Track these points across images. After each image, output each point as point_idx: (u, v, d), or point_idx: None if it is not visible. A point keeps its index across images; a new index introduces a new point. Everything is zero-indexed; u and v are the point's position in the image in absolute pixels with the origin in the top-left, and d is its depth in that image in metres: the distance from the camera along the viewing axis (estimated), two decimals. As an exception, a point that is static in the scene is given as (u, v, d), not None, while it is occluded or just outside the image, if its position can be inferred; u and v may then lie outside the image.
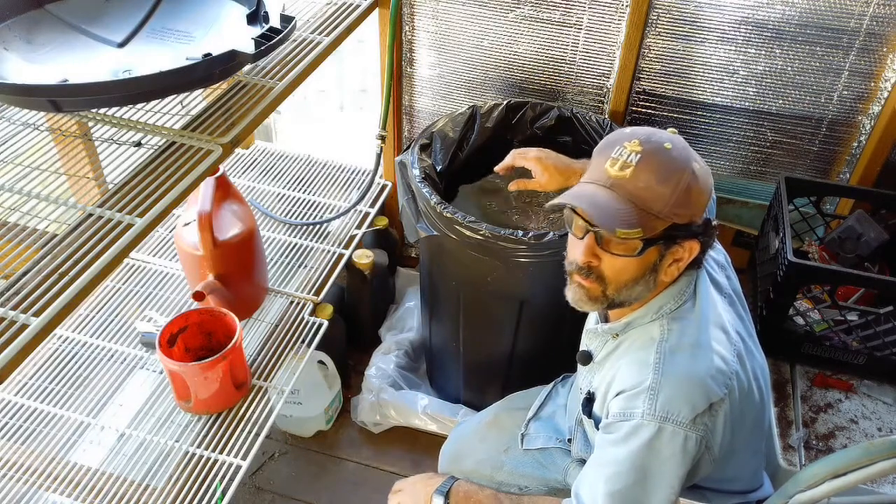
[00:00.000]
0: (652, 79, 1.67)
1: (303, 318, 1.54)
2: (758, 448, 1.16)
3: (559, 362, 1.46)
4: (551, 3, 1.63)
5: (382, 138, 1.81)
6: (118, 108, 1.05)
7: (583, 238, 0.99)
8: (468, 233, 1.36)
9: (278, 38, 1.08)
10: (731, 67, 1.60)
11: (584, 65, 1.70)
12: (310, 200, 1.88)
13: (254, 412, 1.33)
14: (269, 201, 1.87)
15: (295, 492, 1.74)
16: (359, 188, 1.90)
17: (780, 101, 1.62)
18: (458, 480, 1.19)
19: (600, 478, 0.98)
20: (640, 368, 0.99)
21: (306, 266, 1.68)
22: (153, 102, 1.07)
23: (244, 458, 1.26)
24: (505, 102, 1.66)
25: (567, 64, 1.72)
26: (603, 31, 1.64)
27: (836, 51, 1.53)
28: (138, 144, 1.02)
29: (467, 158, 1.67)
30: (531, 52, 1.72)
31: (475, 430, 1.44)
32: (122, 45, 1.15)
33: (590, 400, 1.12)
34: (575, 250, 1.01)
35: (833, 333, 1.50)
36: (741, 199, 1.77)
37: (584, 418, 1.16)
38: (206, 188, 1.32)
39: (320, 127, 2.49)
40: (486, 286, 1.49)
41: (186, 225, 1.37)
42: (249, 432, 1.30)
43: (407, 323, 2.03)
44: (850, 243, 1.54)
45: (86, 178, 1.00)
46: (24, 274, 0.81)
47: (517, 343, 1.61)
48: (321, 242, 1.75)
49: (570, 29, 1.66)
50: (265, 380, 1.40)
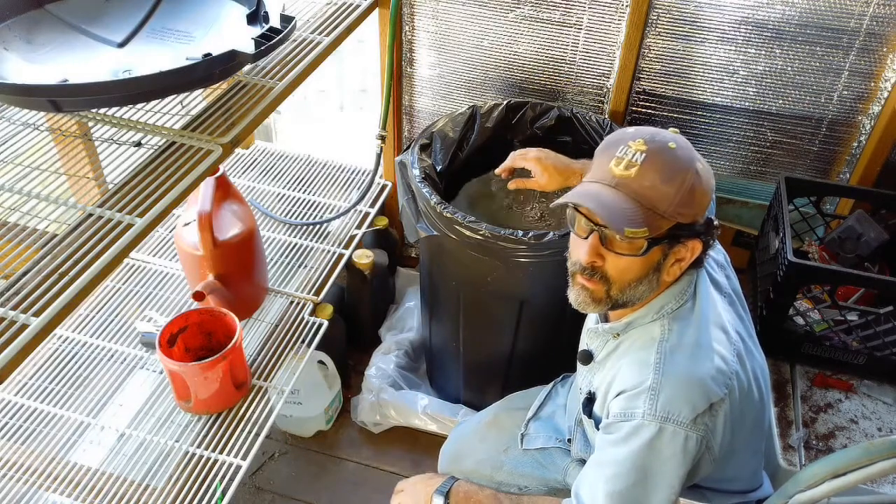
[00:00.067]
0: (652, 79, 1.67)
1: (303, 318, 1.54)
2: (758, 448, 1.16)
3: (559, 362, 1.46)
4: (551, 3, 1.63)
5: (382, 138, 1.81)
6: (118, 108, 1.05)
7: (587, 238, 0.98)
8: (468, 233, 1.36)
9: (278, 38, 1.08)
10: (731, 67, 1.60)
11: (584, 65, 1.70)
12: (310, 200, 1.88)
13: (254, 412, 1.33)
14: (269, 201, 1.87)
15: (295, 492, 1.74)
16: (359, 188, 1.90)
17: (780, 101, 1.62)
18: (458, 481, 1.19)
19: (600, 478, 0.98)
20: (640, 368, 0.99)
21: (306, 266, 1.68)
22: (153, 102, 1.07)
23: (244, 458, 1.26)
24: (505, 102, 1.66)
25: (567, 64, 1.72)
26: (603, 31, 1.64)
27: (836, 51, 1.53)
28: (138, 144, 1.02)
29: (467, 158, 1.67)
30: (531, 52, 1.72)
31: (475, 430, 1.44)
32: (122, 45, 1.15)
33: (590, 400, 1.11)
34: (578, 250, 1.01)
35: (833, 333, 1.50)
36: (741, 199, 1.77)
37: (585, 418, 1.16)
38: (206, 188, 1.32)
39: (320, 127, 2.49)
40: (486, 286, 1.49)
41: (186, 225, 1.37)
42: (249, 432, 1.30)
43: (407, 323, 2.03)
44: (850, 243, 1.54)
45: (86, 178, 1.00)
46: (24, 274, 0.81)
47: (517, 343, 1.61)
48: (321, 242, 1.75)
49: (570, 29, 1.66)
50: (265, 380, 1.40)
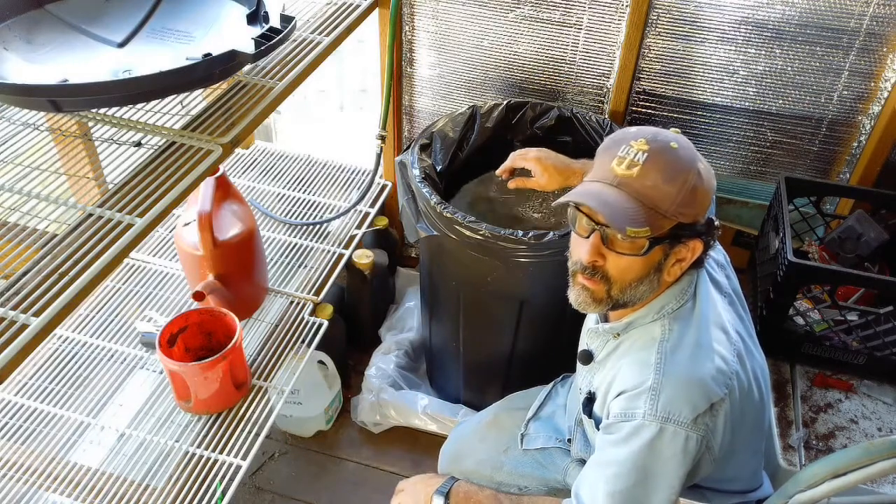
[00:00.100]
0: (652, 79, 1.67)
1: (303, 318, 1.54)
2: (757, 448, 1.16)
3: (559, 362, 1.46)
4: (551, 3, 1.63)
5: (382, 138, 1.81)
6: (118, 108, 1.05)
7: (588, 237, 0.98)
8: (468, 233, 1.36)
9: (278, 38, 1.08)
10: (731, 67, 1.60)
11: (584, 65, 1.70)
12: (310, 200, 1.88)
13: (254, 412, 1.33)
14: (269, 201, 1.87)
15: (295, 492, 1.74)
16: (359, 188, 1.90)
17: (780, 101, 1.62)
18: (458, 481, 1.19)
19: (601, 478, 0.98)
20: (641, 369, 0.99)
21: (306, 266, 1.68)
22: (153, 102, 1.06)
23: (244, 458, 1.26)
24: (505, 102, 1.66)
25: (567, 64, 1.72)
26: (603, 31, 1.64)
27: (836, 51, 1.53)
28: (138, 144, 1.02)
29: (467, 158, 1.67)
30: (531, 52, 1.72)
31: (475, 430, 1.44)
32: (122, 45, 1.15)
33: (590, 400, 1.11)
34: (579, 249, 1.00)
35: (833, 333, 1.50)
36: (741, 199, 1.77)
37: (585, 418, 1.16)
38: (206, 188, 1.32)
39: (320, 127, 2.49)
40: (486, 286, 1.49)
41: (186, 225, 1.37)
42: (249, 432, 1.30)
43: (407, 323, 2.03)
44: (850, 243, 1.54)
45: (86, 178, 1.00)
46: (24, 274, 0.81)
47: (517, 343, 1.61)
48: (321, 242, 1.75)
49: (570, 29, 1.66)
50: (265, 380, 1.40)
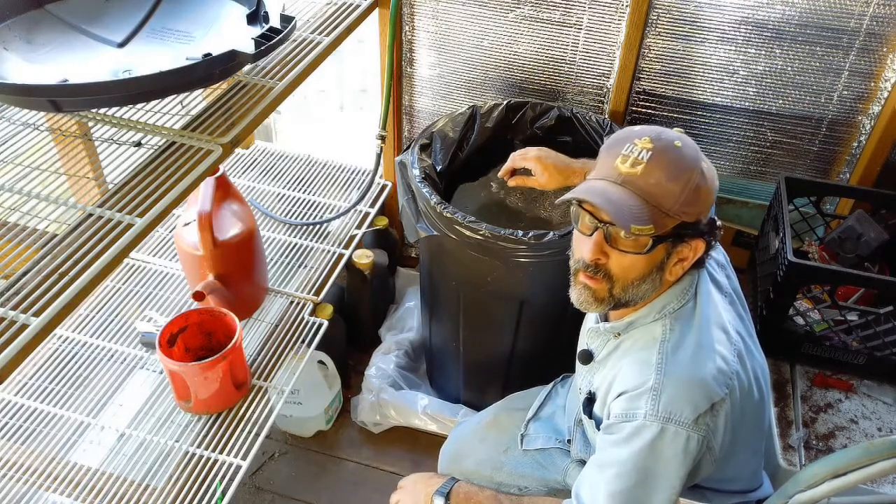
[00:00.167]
0: (652, 79, 1.67)
1: (303, 318, 1.54)
2: (758, 448, 1.16)
3: (559, 362, 1.46)
4: (551, 3, 1.63)
5: (382, 138, 1.81)
6: (118, 108, 1.05)
7: (591, 235, 0.98)
8: (468, 233, 1.36)
9: (278, 38, 1.08)
10: (731, 67, 1.60)
11: (584, 65, 1.70)
12: (310, 200, 1.88)
13: (254, 412, 1.33)
14: (269, 201, 1.87)
15: (295, 492, 1.74)
16: (359, 188, 1.90)
17: (780, 101, 1.62)
18: (458, 482, 1.19)
19: (601, 478, 0.98)
20: (642, 369, 0.99)
21: (306, 266, 1.68)
22: (153, 102, 1.06)
23: (244, 458, 1.26)
24: (505, 102, 1.66)
25: (567, 64, 1.72)
26: (603, 31, 1.64)
27: (836, 51, 1.53)
28: (138, 144, 1.02)
29: (467, 158, 1.67)
30: (531, 52, 1.72)
31: (475, 430, 1.44)
32: (122, 45, 1.15)
33: (590, 400, 1.11)
34: (582, 247, 1.00)
35: (833, 333, 1.50)
36: (741, 199, 1.77)
37: (585, 419, 1.16)
38: (206, 188, 1.32)
39: (320, 127, 2.49)
40: (486, 286, 1.49)
41: (186, 225, 1.37)
42: (249, 432, 1.30)
43: (407, 323, 2.03)
44: (850, 243, 1.54)
45: (86, 178, 1.00)
46: (24, 274, 0.81)
47: (517, 343, 1.61)
48: (321, 242, 1.75)
49: (570, 29, 1.66)
50: (265, 380, 1.40)
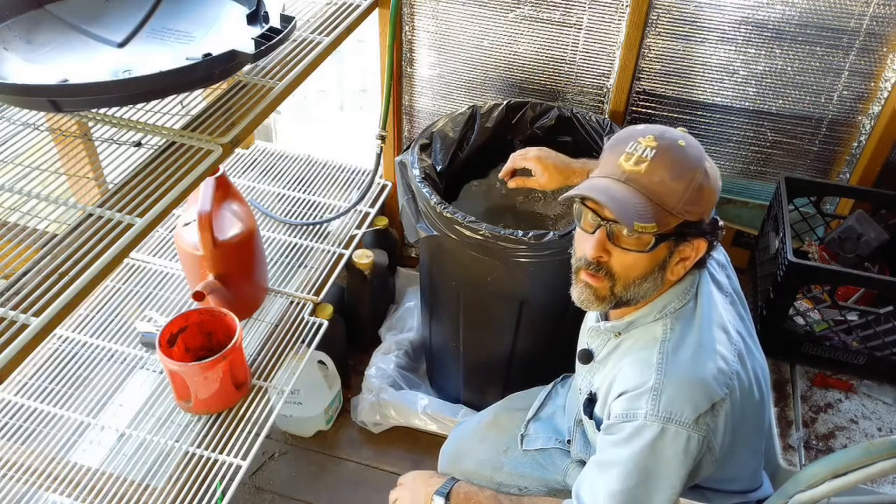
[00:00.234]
0: (652, 79, 1.67)
1: (303, 318, 1.54)
2: (758, 448, 1.16)
3: (559, 362, 1.46)
4: (551, 3, 1.63)
5: (382, 138, 1.81)
6: (118, 108, 1.05)
7: (593, 233, 0.98)
8: (468, 233, 1.36)
9: (278, 38, 1.08)
10: (731, 67, 1.60)
11: (584, 65, 1.70)
12: (310, 200, 1.88)
13: (254, 412, 1.33)
14: (269, 201, 1.87)
15: (295, 492, 1.74)
16: (359, 188, 1.90)
17: (780, 101, 1.62)
18: (458, 482, 1.19)
19: (602, 478, 0.98)
20: (642, 368, 0.99)
21: (306, 266, 1.68)
22: (153, 102, 1.06)
23: (244, 458, 1.26)
24: (505, 102, 1.66)
25: (567, 64, 1.72)
26: (603, 31, 1.64)
27: (836, 51, 1.53)
28: (138, 144, 1.02)
29: (467, 158, 1.67)
30: (531, 52, 1.72)
31: (475, 430, 1.43)
32: (122, 45, 1.15)
33: (591, 401, 1.11)
34: (584, 245, 1.00)
35: (833, 333, 1.50)
36: (741, 199, 1.77)
37: (585, 419, 1.16)
38: (206, 188, 1.32)
39: (320, 127, 2.49)
40: (486, 286, 1.49)
41: (186, 225, 1.37)
42: (249, 432, 1.30)
43: (407, 323, 2.03)
44: (850, 243, 1.54)
45: (86, 178, 1.00)
46: (24, 274, 0.81)
47: (517, 343, 1.61)
48: (321, 242, 1.75)
49: (570, 29, 1.66)
50: (265, 380, 1.40)
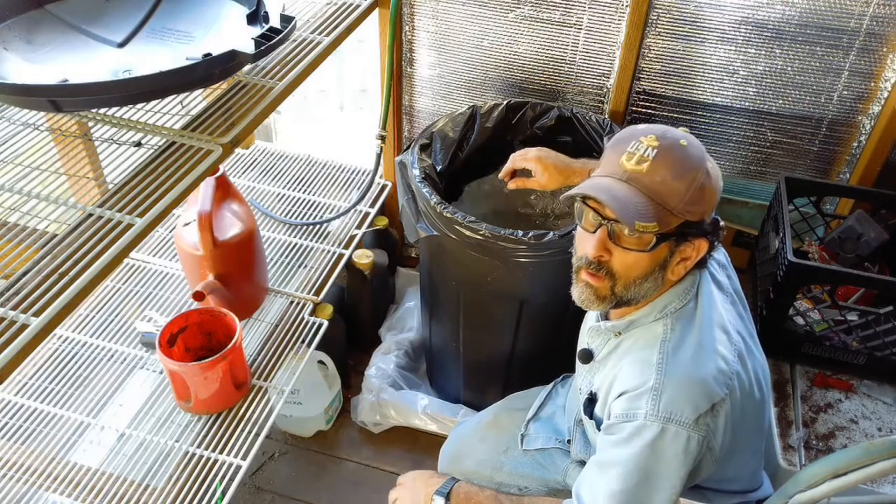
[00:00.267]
0: (652, 79, 1.67)
1: (303, 318, 1.54)
2: (758, 448, 1.16)
3: (559, 362, 1.46)
4: (551, 3, 1.63)
5: (382, 138, 1.81)
6: (118, 108, 1.05)
7: (594, 232, 0.98)
8: (468, 233, 1.36)
9: (278, 38, 1.08)
10: (731, 67, 1.60)
11: (584, 65, 1.70)
12: (310, 200, 1.88)
13: (254, 412, 1.33)
14: (269, 201, 1.87)
15: (295, 492, 1.74)
16: (359, 188, 1.90)
17: (780, 101, 1.62)
18: (458, 482, 1.19)
19: (602, 478, 0.98)
20: (642, 368, 0.99)
21: (306, 266, 1.68)
22: (153, 102, 1.06)
23: (244, 458, 1.26)
24: (505, 102, 1.66)
25: (567, 64, 1.72)
26: (603, 31, 1.64)
27: (836, 51, 1.53)
28: (138, 144, 1.02)
29: (467, 158, 1.67)
30: (531, 52, 1.72)
31: (475, 430, 1.43)
32: (122, 45, 1.15)
33: (591, 401, 1.11)
34: (585, 244, 1.00)
35: (833, 333, 1.50)
36: (741, 199, 1.77)
37: (586, 419, 1.16)
38: (206, 188, 1.32)
39: (320, 127, 2.49)
40: (486, 286, 1.49)
41: (186, 225, 1.37)
42: (249, 432, 1.30)
43: (407, 323, 2.03)
44: (850, 243, 1.54)
45: (86, 178, 1.00)
46: (24, 274, 0.81)
47: (517, 343, 1.61)
48: (321, 242, 1.75)
49: (570, 29, 1.66)
50: (265, 380, 1.40)
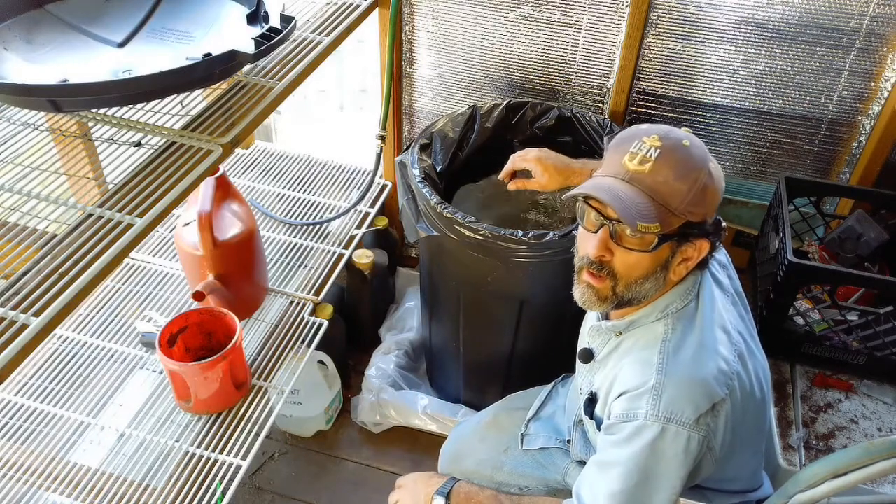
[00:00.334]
0: (652, 79, 1.67)
1: (303, 318, 1.54)
2: (758, 448, 1.16)
3: (559, 362, 1.46)
4: (551, 3, 1.63)
5: (382, 138, 1.81)
6: (118, 108, 1.05)
7: (596, 232, 0.98)
8: (468, 233, 1.36)
9: (278, 38, 1.08)
10: (731, 67, 1.60)
11: (584, 65, 1.70)
12: (310, 200, 1.88)
13: (254, 412, 1.33)
14: (269, 201, 1.87)
15: (295, 492, 1.74)
16: (359, 188, 1.90)
17: (780, 101, 1.62)
18: (458, 481, 1.19)
19: (602, 478, 0.98)
20: (643, 368, 0.99)
21: (306, 266, 1.68)
22: (153, 102, 1.06)
23: (244, 458, 1.26)
24: (505, 102, 1.66)
25: (567, 64, 1.72)
26: (603, 31, 1.64)
27: (836, 51, 1.53)
28: (138, 144, 1.02)
29: (467, 158, 1.67)
30: (531, 52, 1.72)
31: (475, 430, 1.44)
32: (122, 45, 1.15)
33: (592, 400, 1.11)
34: (587, 244, 1.00)
35: (833, 333, 1.50)
36: (741, 199, 1.77)
37: (586, 419, 1.16)
38: (206, 188, 1.32)
39: (320, 127, 2.49)
40: (486, 286, 1.49)
41: (186, 225, 1.37)
42: (249, 432, 1.30)
43: (407, 323, 2.03)
44: (850, 243, 1.54)
45: (86, 178, 1.00)
46: (24, 274, 0.81)
47: (517, 343, 1.61)
48: (321, 242, 1.75)
49: (570, 29, 1.66)
50: (265, 380, 1.40)
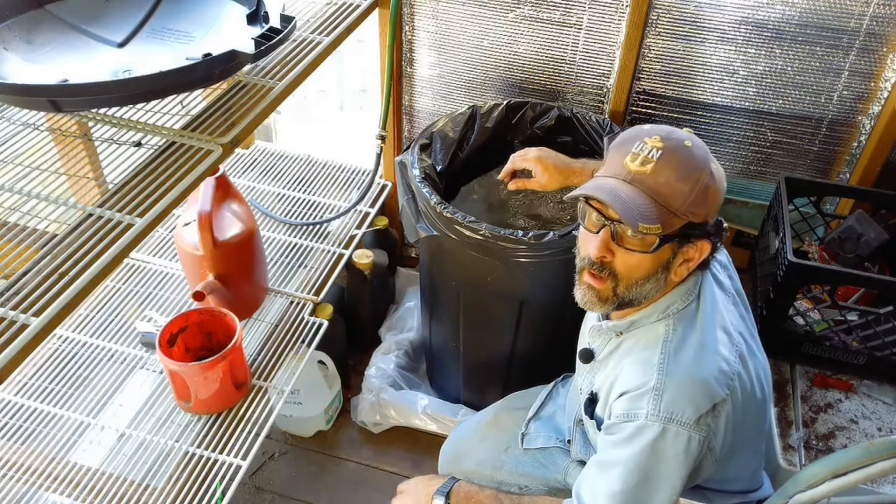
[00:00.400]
0: (652, 79, 1.67)
1: (303, 318, 1.54)
2: (758, 448, 1.16)
3: (559, 362, 1.46)
4: (551, 3, 1.63)
5: (382, 138, 1.81)
6: (118, 108, 1.05)
7: (598, 233, 0.98)
8: (468, 233, 1.36)
9: (278, 38, 1.08)
10: (731, 67, 1.60)
11: (584, 65, 1.70)
12: (310, 200, 1.88)
13: (254, 412, 1.33)
14: (269, 201, 1.87)
15: (295, 492, 1.74)
16: (359, 188, 1.90)
17: (780, 101, 1.62)
18: (458, 481, 1.19)
19: (602, 478, 0.98)
20: (644, 368, 0.99)
21: (306, 266, 1.68)
22: (153, 102, 1.06)
23: (244, 458, 1.26)
24: (505, 102, 1.66)
25: (567, 64, 1.72)
26: (603, 31, 1.64)
27: (836, 51, 1.53)
28: (138, 144, 1.02)
29: (467, 158, 1.67)
30: (531, 52, 1.72)
31: (475, 429, 1.44)
32: (122, 45, 1.15)
33: (592, 400, 1.11)
34: (588, 245, 1.00)
35: (833, 333, 1.50)
36: (741, 199, 1.77)
37: (586, 419, 1.16)
38: (206, 188, 1.32)
39: (320, 127, 2.49)
40: (486, 286, 1.49)
41: (186, 225, 1.37)
42: (249, 432, 1.30)
43: (407, 323, 2.03)
44: (850, 243, 1.54)
45: (86, 178, 1.00)
46: (24, 274, 0.81)
47: (517, 343, 1.61)
48: (321, 242, 1.75)
49: (570, 29, 1.66)
50: (265, 380, 1.40)
